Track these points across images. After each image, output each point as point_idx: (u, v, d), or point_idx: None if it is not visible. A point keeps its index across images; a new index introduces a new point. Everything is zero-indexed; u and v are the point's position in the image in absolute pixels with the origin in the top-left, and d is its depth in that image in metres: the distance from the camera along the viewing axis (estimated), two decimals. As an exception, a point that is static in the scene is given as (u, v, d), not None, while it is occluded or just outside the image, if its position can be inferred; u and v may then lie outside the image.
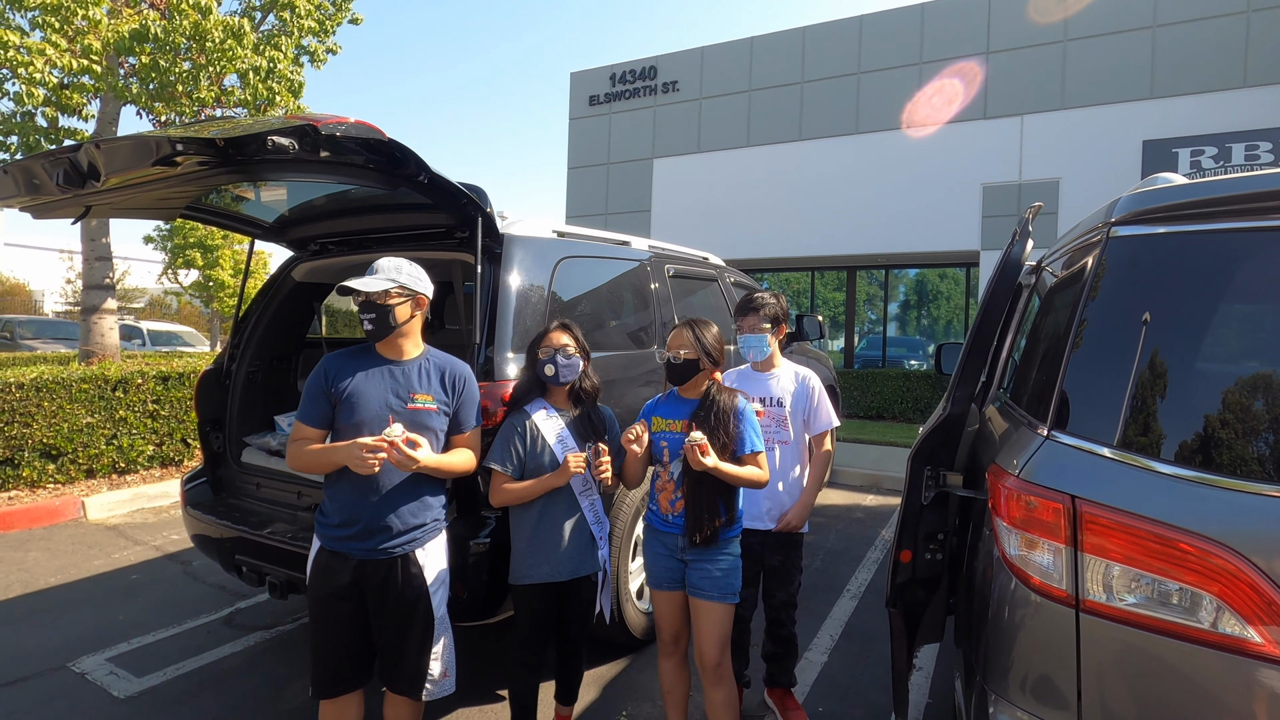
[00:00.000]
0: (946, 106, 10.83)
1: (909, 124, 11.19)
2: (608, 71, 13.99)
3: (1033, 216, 2.09)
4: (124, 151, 2.07)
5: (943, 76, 10.96)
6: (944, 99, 10.85)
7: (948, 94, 10.84)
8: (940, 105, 10.87)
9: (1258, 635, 1.19)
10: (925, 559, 1.98)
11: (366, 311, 2.07)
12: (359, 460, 1.90)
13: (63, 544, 4.70)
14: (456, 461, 2.15)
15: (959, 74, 10.85)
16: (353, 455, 1.91)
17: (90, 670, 3.05)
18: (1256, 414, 1.33)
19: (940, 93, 10.89)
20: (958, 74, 10.86)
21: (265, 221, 3.36)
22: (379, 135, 2.10)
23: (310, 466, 2.07)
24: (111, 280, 7.50)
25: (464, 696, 2.75)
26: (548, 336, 2.34)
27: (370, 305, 2.06)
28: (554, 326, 2.37)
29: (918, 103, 11.04)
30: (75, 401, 5.49)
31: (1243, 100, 9.26)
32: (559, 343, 2.31)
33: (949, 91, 10.84)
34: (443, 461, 2.09)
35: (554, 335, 2.34)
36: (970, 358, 1.94)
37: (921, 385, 10.43)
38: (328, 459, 2.02)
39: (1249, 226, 1.42)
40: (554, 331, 2.35)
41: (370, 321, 2.06)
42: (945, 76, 10.94)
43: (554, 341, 2.32)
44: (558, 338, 2.33)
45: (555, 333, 2.35)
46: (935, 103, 10.93)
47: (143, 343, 14.74)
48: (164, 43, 6.51)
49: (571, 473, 2.21)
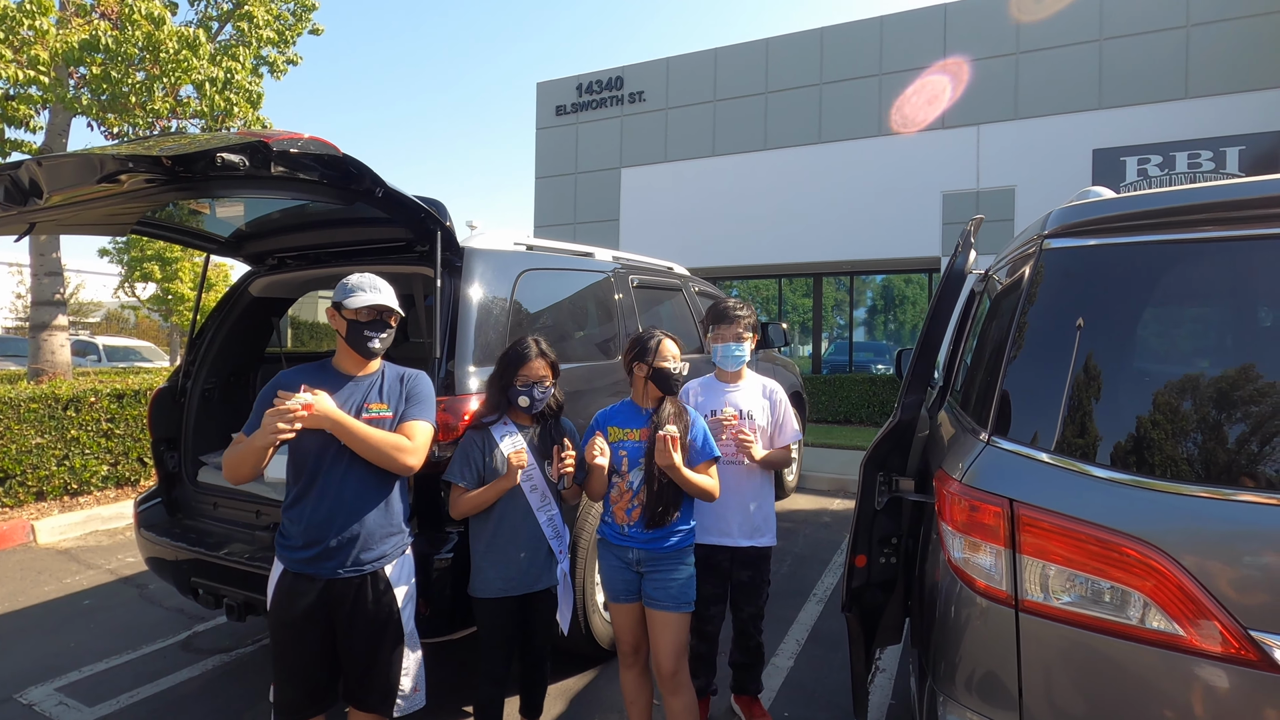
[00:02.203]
0: (928, 108, 11.05)
1: (875, 133, 11.43)
2: (574, 81, 14.04)
3: (975, 228, 2.16)
4: (67, 169, 2.02)
5: (916, 82, 11.22)
6: (924, 101, 11.08)
7: (928, 95, 11.08)
8: (922, 106, 11.10)
9: (1182, 630, 1.24)
10: (880, 563, 2.02)
11: (378, 329, 2.07)
12: (266, 431, 1.85)
13: (10, 570, 4.53)
14: (382, 437, 2.00)
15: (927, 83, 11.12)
16: (266, 429, 1.86)
17: (39, 701, 2.95)
18: (1184, 416, 1.40)
19: (920, 93, 11.12)
20: (925, 83, 11.13)
21: (221, 236, 3.30)
22: (333, 151, 2.09)
23: (235, 464, 1.97)
24: (62, 296, 7.27)
25: (431, 713, 2.72)
26: (529, 365, 2.28)
27: (383, 323, 2.07)
28: (533, 354, 2.30)
29: (901, 105, 11.26)
30: (24, 422, 5.30)
31: (1185, 111, 9.67)
32: (538, 375, 2.29)
33: (929, 92, 11.07)
34: (366, 431, 1.98)
35: (535, 366, 2.29)
36: (918, 365, 2.00)
37: (887, 389, 10.61)
38: (247, 447, 1.93)
39: (1171, 239, 1.49)
40: (535, 360, 2.29)
41: (378, 339, 2.07)
42: (918, 83, 11.21)
43: (534, 373, 2.28)
44: (539, 369, 2.29)
45: (537, 362, 2.29)
46: (912, 106, 11.17)
47: (98, 359, 14.29)
48: (115, 53, 6.36)
49: (516, 468, 2.19)
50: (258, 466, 1.97)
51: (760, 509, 2.62)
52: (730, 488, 2.55)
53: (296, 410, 1.85)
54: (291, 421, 1.86)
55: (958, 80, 10.88)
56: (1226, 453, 1.34)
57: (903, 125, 11.17)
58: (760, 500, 2.63)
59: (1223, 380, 1.41)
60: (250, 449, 1.93)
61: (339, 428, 1.95)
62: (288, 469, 2.07)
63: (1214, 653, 1.22)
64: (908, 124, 11.14)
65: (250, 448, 1.93)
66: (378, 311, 2.07)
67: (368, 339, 2.06)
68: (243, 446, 1.95)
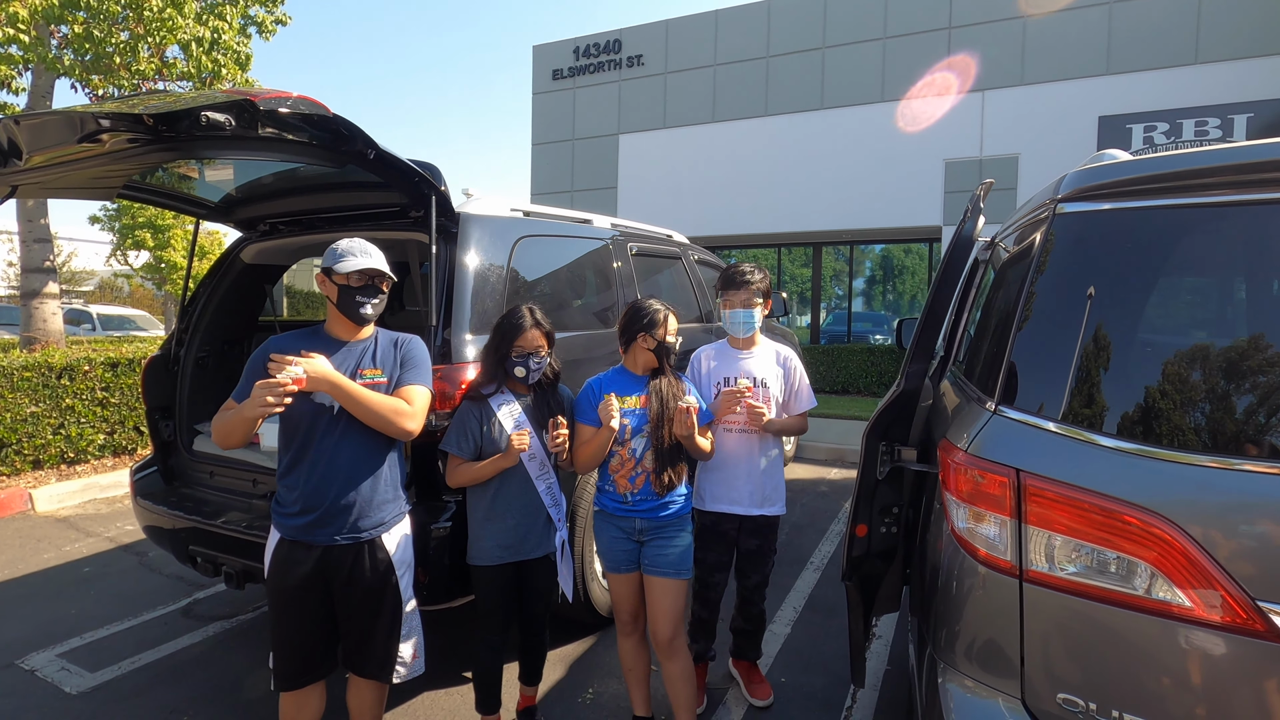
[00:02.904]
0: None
1: (878, 98, 11.22)
2: (571, 45, 13.72)
3: (984, 193, 2.10)
4: (46, 128, 1.95)
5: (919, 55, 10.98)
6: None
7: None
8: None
9: (1188, 599, 1.23)
10: (881, 532, 2.01)
11: (370, 295, 2.03)
12: (255, 402, 1.80)
13: (9, 538, 4.53)
14: (382, 400, 1.98)
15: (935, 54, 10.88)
16: (256, 400, 1.81)
17: (40, 667, 2.97)
18: (1194, 386, 1.37)
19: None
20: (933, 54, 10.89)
21: (211, 201, 3.23)
22: (323, 110, 2.02)
23: (225, 433, 1.92)
24: (52, 263, 7.17)
25: (429, 680, 2.74)
26: (524, 336, 2.25)
27: (375, 288, 2.04)
28: (528, 324, 2.27)
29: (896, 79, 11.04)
30: (18, 390, 5.26)
31: (1194, 77, 9.48)
32: (533, 345, 2.26)
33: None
34: (365, 395, 1.94)
35: (531, 336, 2.26)
36: (923, 334, 1.96)
37: (886, 359, 10.60)
38: (238, 417, 1.88)
39: (1190, 202, 1.44)
40: (530, 331, 2.26)
41: (370, 305, 2.04)
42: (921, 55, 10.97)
43: (530, 343, 2.26)
44: (535, 339, 2.26)
45: (532, 332, 2.26)
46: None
47: (93, 328, 14.19)
48: (97, 11, 6.17)
49: (517, 450, 2.18)
50: (248, 435, 1.94)
51: (771, 478, 2.59)
52: (742, 456, 2.54)
53: (287, 384, 1.81)
54: (281, 396, 1.81)
55: (960, 46, 10.64)
56: (1235, 423, 1.32)
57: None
58: (771, 469, 2.60)
59: (1233, 350, 1.38)
60: (239, 419, 1.89)
61: (337, 390, 1.91)
62: (279, 436, 2.05)
63: (1221, 623, 1.21)
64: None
65: (239, 417, 1.89)
66: (369, 276, 2.03)
67: (360, 304, 2.02)
68: (232, 415, 1.91)
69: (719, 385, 2.55)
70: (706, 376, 2.60)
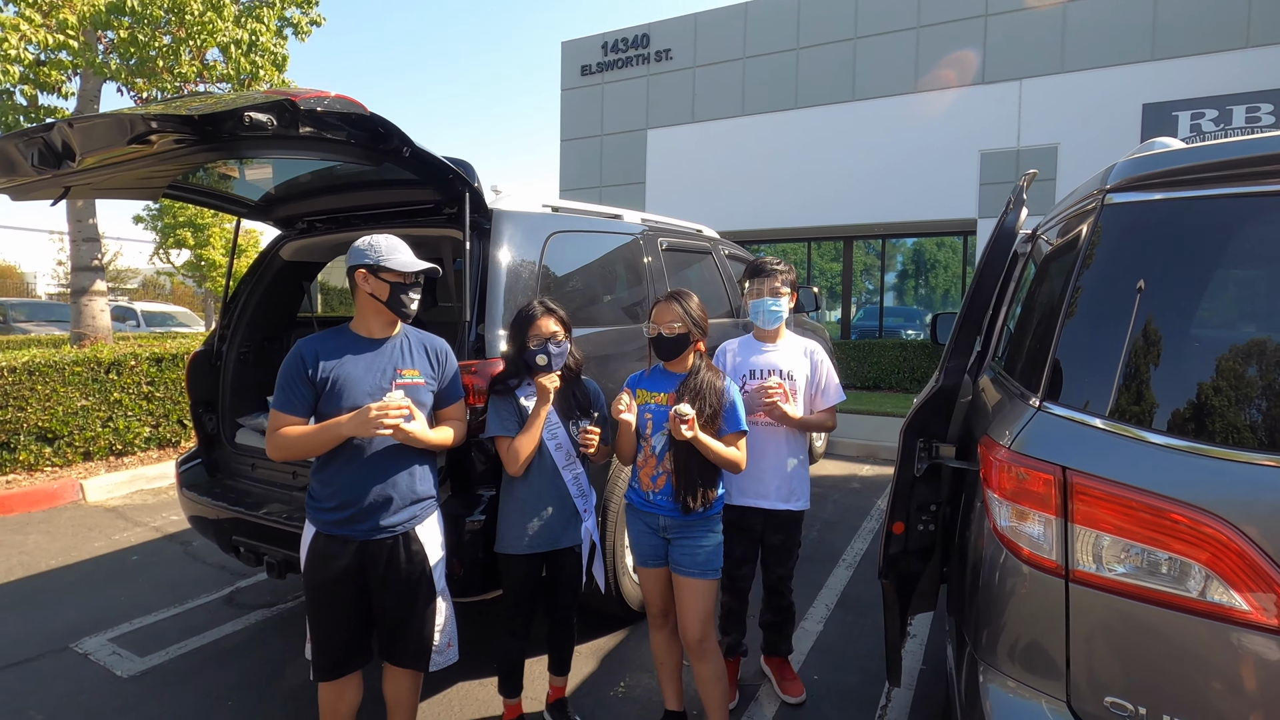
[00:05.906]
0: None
1: (911, 89, 11.01)
2: (599, 40, 13.71)
3: (1028, 184, 2.05)
4: (98, 130, 2.02)
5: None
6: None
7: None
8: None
9: (1244, 603, 1.19)
10: (918, 530, 1.98)
11: (418, 290, 2.09)
12: (368, 425, 1.88)
13: (62, 526, 4.71)
14: (442, 438, 2.15)
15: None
16: (362, 422, 1.88)
17: (93, 651, 3.08)
18: (1250, 382, 1.32)
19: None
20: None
21: (251, 200, 3.30)
22: (360, 110, 2.05)
23: (305, 452, 1.99)
24: (100, 261, 7.41)
25: (462, 670, 2.78)
26: (535, 324, 2.26)
27: (418, 284, 2.09)
28: (540, 313, 2.28)
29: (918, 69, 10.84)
30: (69, 384, 5.46)
31: (1244, 61, 9.11)
32: (548, 331, 2.27)
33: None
34: (429, 436, 2.08)
35: (542, 323, 2.27)
36: (964, 328, 1.92)
37: (918, 355, 10.43)
38: (330, 435, 1.95)
39: (1246, 192, 1.39)
40: (541, 318, 2.27)
41: (417, 301, 2.08)
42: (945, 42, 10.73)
43: (543, 330, 2.26)
44: (546, 325, 2.27)
45: (543, 319, 2.27)
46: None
47: (137, 324, 14.65)
48: (141, 16, 6.35)
49: (549, 390, 2.24)
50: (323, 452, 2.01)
51: (796, 472, 2.58)
52: (768, 451, 2.52)
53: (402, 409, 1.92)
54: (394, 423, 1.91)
55: (997, 33, 10.37)
56: (1296, 420, 1.27)
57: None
58: (797, 464, 2.59)
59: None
60: (329, 436, 1.95)
61: (408, 437, 2.00)
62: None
63: (1279, 627, 1.16)
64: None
65: (331, 435, 1.95)
66: (419, 273, 2.07)
67: (411, 301, 2.06)
68: (317, 434, 1.96)
69: (744, 379, 2.54)
70: (732, 371, 2.58)
